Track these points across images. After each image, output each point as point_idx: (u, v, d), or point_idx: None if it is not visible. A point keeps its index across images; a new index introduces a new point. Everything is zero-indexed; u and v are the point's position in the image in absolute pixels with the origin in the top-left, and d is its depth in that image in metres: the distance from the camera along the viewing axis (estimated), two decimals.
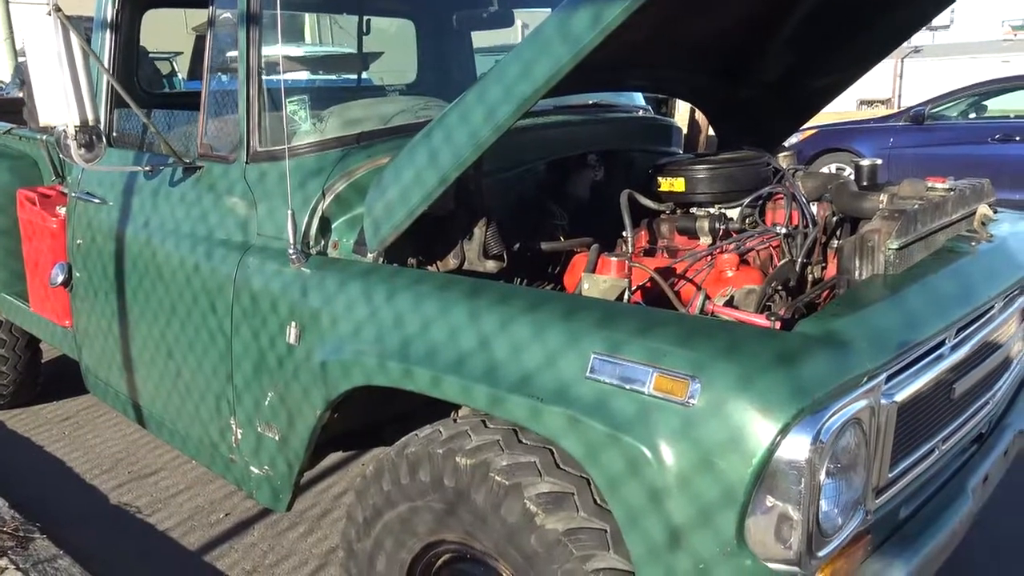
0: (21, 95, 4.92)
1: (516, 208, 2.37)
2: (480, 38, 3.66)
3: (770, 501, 1.33)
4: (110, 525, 3.01)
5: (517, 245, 2.27)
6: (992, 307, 1.86)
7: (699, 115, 8.54)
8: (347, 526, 2.00)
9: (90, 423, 3.86)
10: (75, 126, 2.18)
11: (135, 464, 3.45)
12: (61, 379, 4.07)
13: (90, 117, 2.18)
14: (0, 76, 12.49)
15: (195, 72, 6.27)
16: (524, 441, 1.69)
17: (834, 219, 2.20)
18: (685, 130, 7.99)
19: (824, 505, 1.37)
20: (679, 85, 2.79)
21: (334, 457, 3.37)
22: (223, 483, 3.20)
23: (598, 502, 1.57)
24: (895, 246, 1.74)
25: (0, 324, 3.62)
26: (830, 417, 1.34)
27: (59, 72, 2.13)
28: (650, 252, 2.36)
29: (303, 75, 4.34)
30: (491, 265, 2.10)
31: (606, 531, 1.54)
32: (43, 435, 3.76)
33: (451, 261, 2.11)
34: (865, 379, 1.42)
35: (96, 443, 3.66)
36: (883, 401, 1.46)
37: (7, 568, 2.57)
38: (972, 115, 8.52)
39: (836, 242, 2.18)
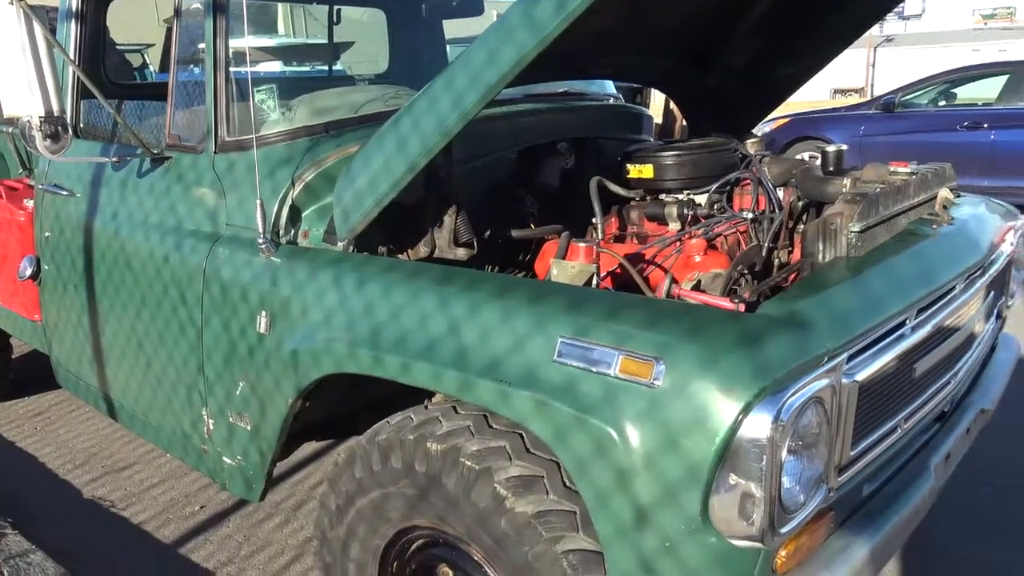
0: None
1: (487, 196, 2.38)
2: (453, 28, 3.66)
3: (733, 479, 1.35)
4: (84, 519, 2.99)
5: (488, 233, 2.28)
6: (953, 288, 1.90)
7: (674, 104, 8.57)
8: (320, 514, 2.00)
9: (62, 418, 3.83)
10: (40, 117, 2.16)
11: (109, 458, 3.43)
12: (32, 375, 4.03)
13: (55, 108, 2.17)
14: None
15: (166, 64, 6.20)
16: (494, 426, 1.70)
17: (800, 204, 2.23)
18: (660, 120, 8.02)
19: (786, 482, 1.39)
20: (648, 72, 2.81)
21: (309, 448, 3.37)
22: (198, 476, 3.19)
23: (567, 484, 1.59)
24: (857, 229, 1.77)
25: None
26: (791, 396, 1.36)
27: (23, 63, 2.11)
28: (620, 239, 2.38)
29: (274, 66, 4.31)
30: (461, 253, 2.11)
31: (575, 513, 1.56)
32: (14, 431, 3.72)
33: (422, 249, 2.12)
34: (826, 359, 1.45)
35: (69, 438, 3.63)
36: (844, 380, 1.49)
37: None
38: (942, 103, 8.61)
39: (802, 226, 2.21)
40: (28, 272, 2.87)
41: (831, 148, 2.29)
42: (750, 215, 2.15)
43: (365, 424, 2.07)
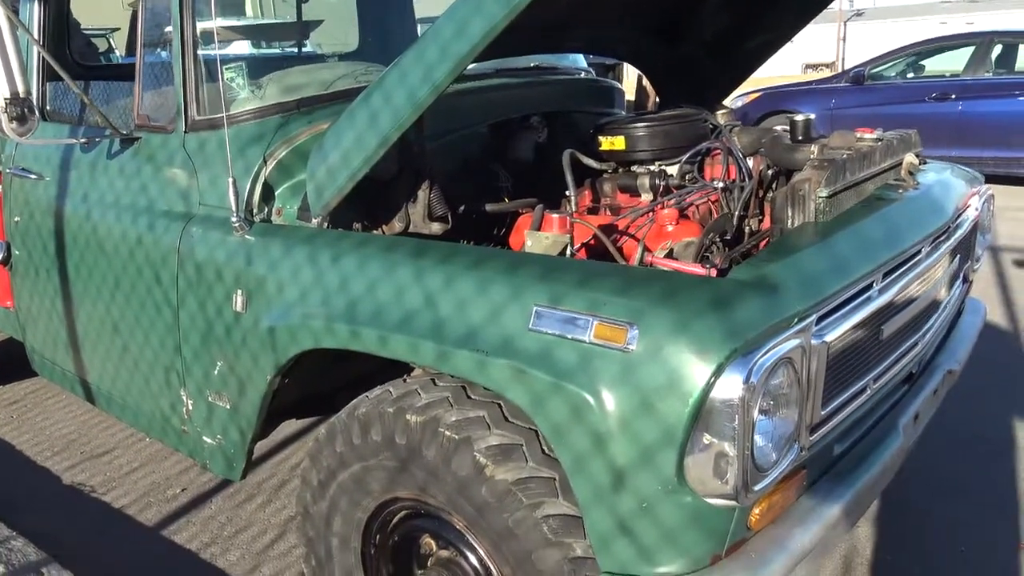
0: None
1: (460, 171, 2.39)
2: (423, 6, 3.64)
3: (707, 439, 1.38)
4: (64, 505, 2.98)
5: (462, 207, 2.28)
6: (919, 251, 1.94)
7: (647, 80, 8.59)
8: (302, 489, 2.02)
9: (39, 405, 3.80)
10: (5, 99, 2.13)
11: (87, 444, 3.42)
12: (7, 363, 3.99)
13: (20, 89, 2.14)
14: None
15: (132, 48, 6.10)
16: (472, 397, 1.72)
17: (769, 172, 2.26)
18: (632, 96, 8.04)
19: (759, 441, 1.43)
20: (618, 45, 2.82)
21: (290, 428, 3.38)
22: (178, 459, 3.19)
23: (545, 452, 1.61)
24: (824, 194, 1.80)
25: None
26: (761, 356, 1.39)
27: None
28: (594, 211, 2.40)
29: (243, 47, 4.26)
30: (436, 227, 2.12)
31: (555, 479, 1.59)
32: None
33: (396, 225, 2.12)
34: (796, 320, 1.48)
35: (46, 425, 3.61)
36: (814, 342, 1.52)
37: None
38: (910, 75, 8.71)
39: (772, 194, 2.24)
40: None
41: (799, 117, 2.31)
42: (721, 184, 2.18)
43: (343, 403, 2.08)
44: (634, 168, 2.35)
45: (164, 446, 2.67)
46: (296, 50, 3.64)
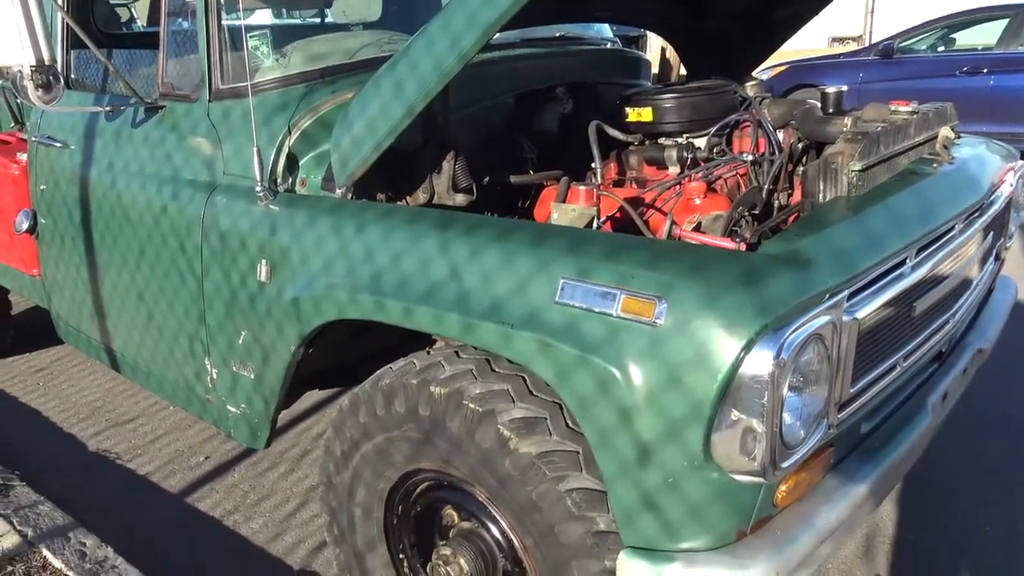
0: None
1: (485, 142, 2.36)
2: None
3: (735, 415, 1.37)
4: (90, 472, 3.03)
5: (487, 179, 2.26)
6: (952, 228, 1.90)
7: (671, 53, 8.47)
8: (325, 460, 2.03)
9: (64, 373, 3.85)
10: (31, 67, 2.13)
11: (112, 412, 3.46)
12: (32, 330, 4.04)
13: (46, 57, 2.13)
14: None
15: (154, 17, 6.08)
16: (497, 369, 1.71)
17: (800, 145, 2.22)
18: (656, 68, 7.93)
19: (787, 418, 1.41)
20: (645, 15, 2.77)
21: (312, 399, 3.40)
22: (202, 428, 3.22)
23: (570, 425, 1.61)
24: (858, 168, 1.77)
25: None
26: (792, 333, 1.37)
27: (11, 11, 2.07)
28: (619, 183, 2.37)
29: (265, 16, 4.23)
30: (460, 199, 2.10)
31: (578, 453, 1.58)
32: (17, 386, 3.74)
33: (420, 196, 2.11)
34: (827, 296, 1.46)
35: (72, 392, 3.65)
36: (845, 318, 1.49)
37: None
38: (941, 48, 8.52)
39: (802, 168, 2.20)
40: (25, 226, 2.85)
41: (831, 89, 2.27)
42: (750, 157, 2.14)
43: (366, 374, 2.09)
44: (661, 140, 2.32)
45: (188, 414, 2.70)
46: (319, 19, 3.61)
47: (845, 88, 2.31)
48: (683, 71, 3.18)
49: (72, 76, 2.78)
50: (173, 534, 2.65)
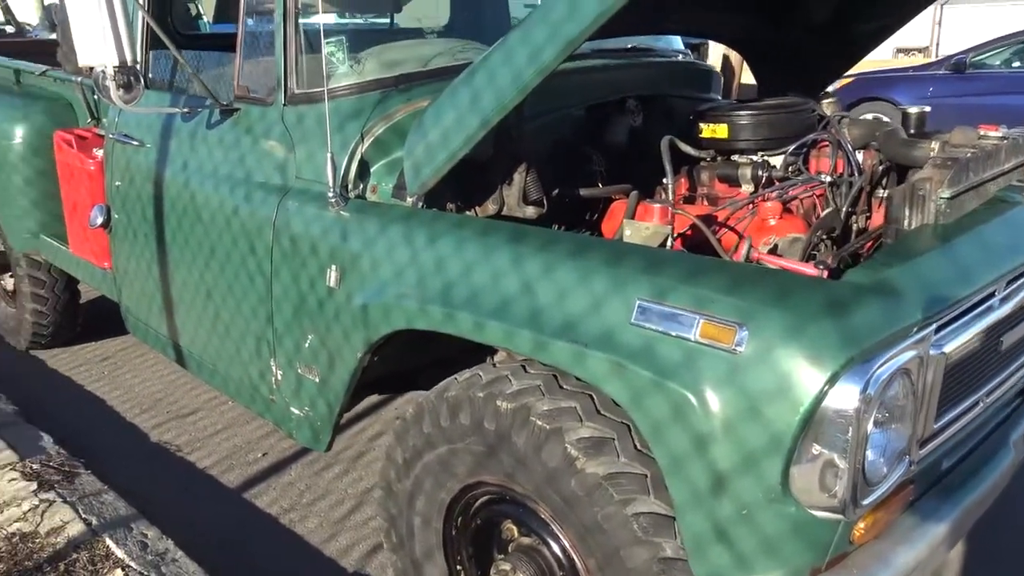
0: (54, 36, 4.90)
1: (555, 153, 2.35)
2: None
3: (816, 449, 1.33)
4: (151, 463, 3.09)
5: (555, 191, 2.25)
6: None
7: (733, 60, 8.35)
8: (386, 466, 2.03)
9: (128, 363, 3.93)
10: (114, 67, 2.18)
11: (174, 404, 3.52)
12: (98, 320, 4.14)
13: (128, 58, 2.18)
14: (27, 19, 12.46)
15: (222, 15, 6.20)
16: (564, 386, 1.70)
17: (880, 167, 2.16)
18: None
19: (870, 454, 1.37)
20: (721, 28, 2.73)
21: (368, 400, 3.41)
22: (260, 423, 3.26)
23: (638, 447, 1.58)
24: (947, 195, 1.71)
25: (40, 266, 3.67)
26: (879, 367, 1.33)
27: (98, 13, 2.12)
28: (689, 200, 2.34)
29: (330, 18, 4.27)
30: (531, 211, 2.09)
31: (646, 476, 1.56)
32: (83, 374, 3.84)
33: (490, 207, 2.10)
34: (915, 329, 1.41)
35: (135, 383, 3.73)
36: (932, 352, 1.45)
37: (55, 501, 2.65)
38: (1016, 64, 8.26)
39: (882, 191, 2.14)
40: (99, 221, 2.92)
41: (913, 110, 2.21)
42: (828, 178, 2.09)
43: (427, 380, 2.09)
44: (735, 157, 2.27)
45: (246, 410, 2.73)
46: (388, 23, 3.63)
47: (928, 109, 2.24)
48: (744, 79, 3.13)
49: (149, 75, 2.83)
50: (231, 529, 2.69)
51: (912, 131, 2.15)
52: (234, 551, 2.58)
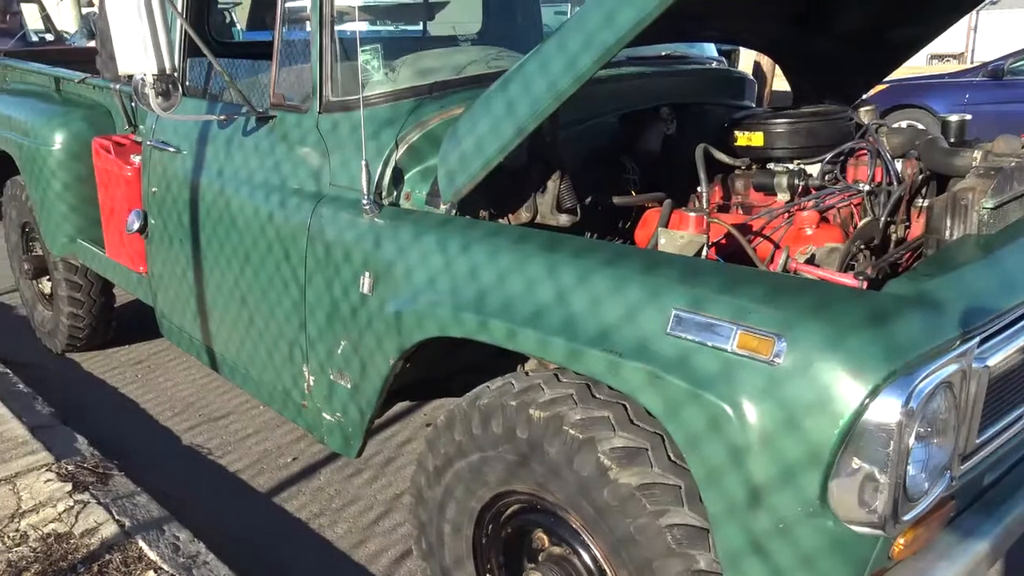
0: (92, 44, 4.99)
1: (588, 161, 2.34)
2: None
3: (856, 463, 1.31)
4: (183, 465, 3.12)
5: (589, 199, 2.24)
6: None
7: (764, 66, 8.29)
8: (417, 473, 2.03)
9: (161, 367, 3.98)
10: (153, 75, 2.21)
11: (205, 407, 3.56)
12: (131, 324, 4.19)
13: (167, 66, 2.21)
14: (65, 27, 12.71)
15: (255, 22, 6.27)
16: (597, 396, 1.69)
17: (919, 177, 2.13)
18: None
19: (911, 469, 1.34)
20: (757, 36, 2.71)
21: (397, 406, 3.42)
22: (290, 428, 3.28)
23: (672, 458, 1.57)
24: (990, 205, 1.68)
25: (76, 270, 3.73)
26: (922, 380, 1.30)
27: (138, 22, 2.15)
28: (724, 208, 2.32)
29: (362, 26, 4.30)
30: (564, 219, 2.08)
31: (680, 487, 1.54)
32: (117, 377, 3.89)
33: (523, 214, 2.09)
34: (958, 342, 1.38)
35: (168, 386, 3.78)
36: (975, 365, 1.42)
37: (89, 502, 2.68)
38: None
39: (921, 201, 2.11)
40: (136, 226, 2.96)
41: (953, 118, 2.17)
42: (867, 187, 2.06)
43: (458, 386, 2.08)
44: (771, 166, 2.25)
45: (277, 414, 2.75)
46: (420, 30, 3.65)
47: (968, 117, 2.20)
48: (775, 86, 3.10)
49: (187, 83, 2.87)
50: (262, 533, 2.71)
51: (952, 140, 2.12)
52: (264, 555, 2.60)
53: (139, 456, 3.14)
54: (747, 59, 8.90)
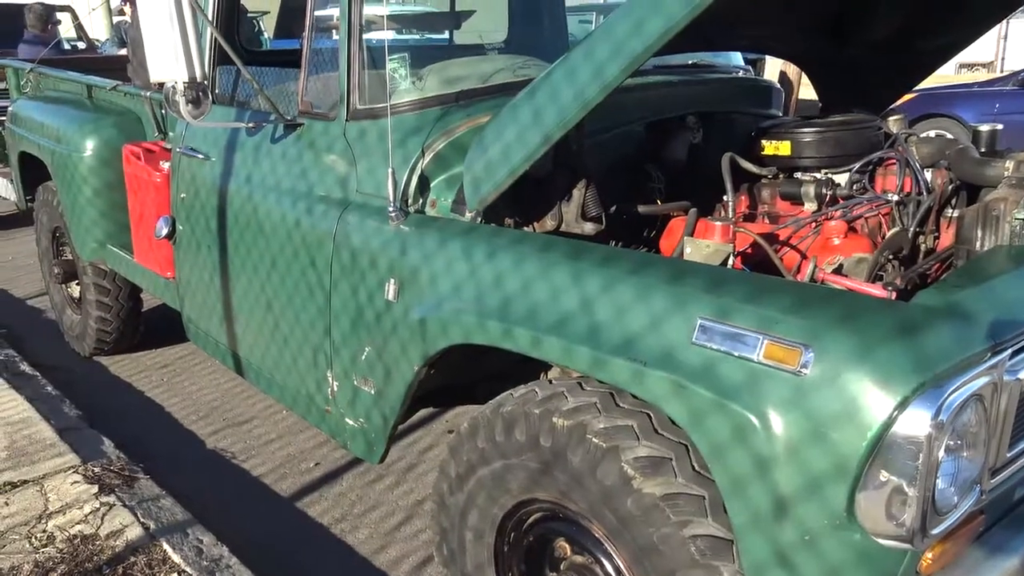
0: (123, 52, 5.07)
1: (614, 169, 2.34)
2: None
3: (884, 476, 1.29)
4: (207, 469, 3.15)
5: (614, 207, 2.24)
6: None
7: (791, 75, 8.24)
8: (439, 480, 2.03)
9: (187, 371, 4.02)
10: (184, 83, 2.24)
11: (229, 412, 3.59)
12: (157, 328, 4.24)
13: (198, 74, 2.24)
14: (97, 35, 12.91)
15: (282, 31, 6.34)
16: (621, 404, 1.68)
17: (949, 187, 2.11)
18: None
19: (940, 482, 1.33)
20: (784, 44, 2.70)
21: (420, 413, 3.43)
22: (313, 433, 3.30)
23: (696, 468, 1.56)
24: (1022, 216, 1.66)
25: (105, 274, 3.79)
26: (952, 393, 1.29)
27: (170, 29, 2.18)
28: (750, 218, 2.31)
29: (389, 34, 4.34)
30: (589, 227, 2.08)
31: (704, 498, 1.53)
32: (143, 381, 3.94)
33: (548, 222, 2.10)
34: (989, 354, 1.37)
35: (193, 390, 3.81)
36: (1007, 378, 1.40)
37: (115, 505, 2.71)
38: None
39: (951, 211, 2.08)
40: (164, 232, 2.99)
41: (984, 127, 2.15)
42: (895, 197, 2.04)
43: (482, 393, 2.08)
44: (798, 175, 2.24)
45: (300, 419, 2.76)
46: (446, 39, 3.68)
47: (1000, 127, 2.18)
48: (802, 95, 3.08)
49: (216, 90, 2.90)
50: (284, 537, 2.72)
51: (984, 149, 2.10)
52: (286, 559, 2.61)
53: (164, 459, 3.17)
54: (773, 68, 8.86)
